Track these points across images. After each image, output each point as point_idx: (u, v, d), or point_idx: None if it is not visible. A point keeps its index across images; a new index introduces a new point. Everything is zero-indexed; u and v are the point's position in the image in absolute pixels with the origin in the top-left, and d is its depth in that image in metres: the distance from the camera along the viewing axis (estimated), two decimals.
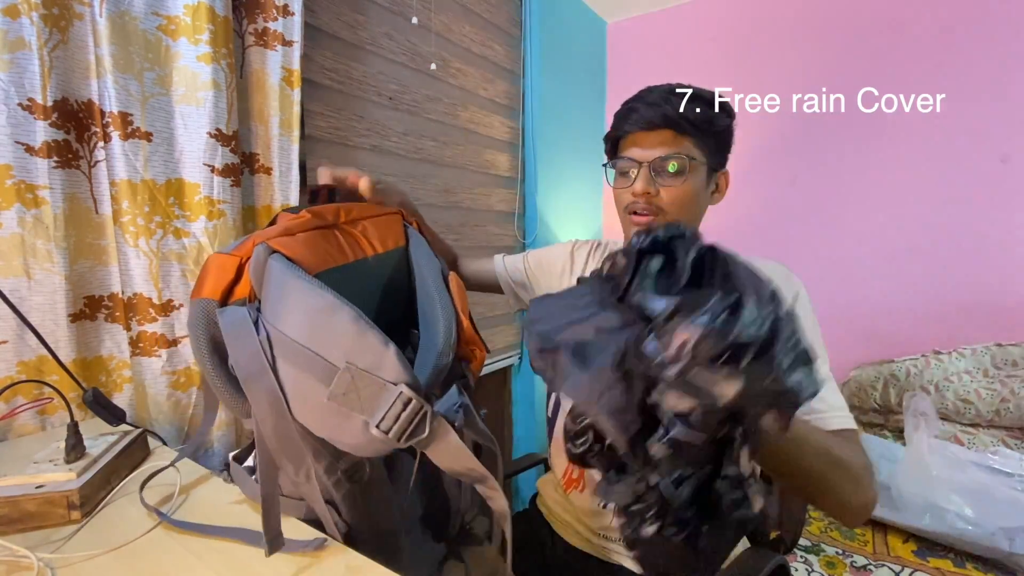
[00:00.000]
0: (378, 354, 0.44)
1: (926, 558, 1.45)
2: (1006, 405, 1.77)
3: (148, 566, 0.46)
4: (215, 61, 0.93)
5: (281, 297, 0.46)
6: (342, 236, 0.57)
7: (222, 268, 0.49)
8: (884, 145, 2.05)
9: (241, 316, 0.46)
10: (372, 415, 0.43)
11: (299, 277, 0.46)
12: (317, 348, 0.43)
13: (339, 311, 0.44)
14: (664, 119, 0.69)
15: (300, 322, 0.44)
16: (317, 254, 0.52)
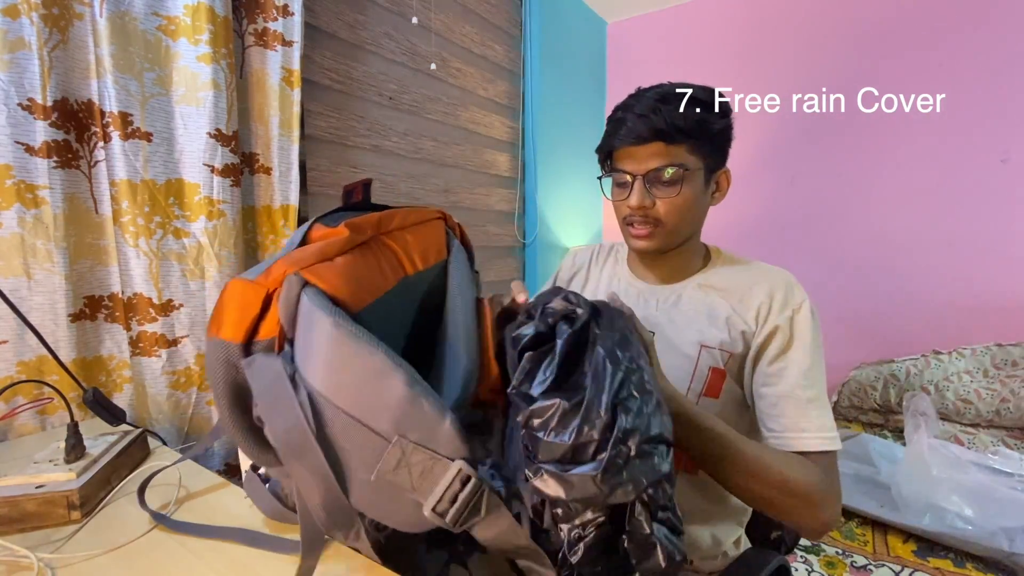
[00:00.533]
0: (433, 425, 0.39)
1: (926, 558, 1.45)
2: (1006, 405, 1.77)
3: (148, 566, 0.46)
4: (215, 61, 0.93)
5: (322, 350, 0.39)
6: (381, 252, 0.50)
7: (245, 301, 0.41)
8: (884, 145, 2.05)
9: (275, 373, 0.39)
10: (426, 496, 0.38)
11: (343, 328, 0.39)
12: (365, 418, 0.38)
13: (392, 375, 0.38)
14: (653, 132, 0.66)
15: (346, 385, 0.38)
16: (358, 285, 0.45)
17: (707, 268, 0.78)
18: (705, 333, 0.72)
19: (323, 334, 0.39)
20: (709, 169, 0.71)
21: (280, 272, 0.42)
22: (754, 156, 2.30)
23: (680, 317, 0.75)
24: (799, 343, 0.67)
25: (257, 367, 0.40)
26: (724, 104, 0.70)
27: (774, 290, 0.70)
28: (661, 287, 0.79)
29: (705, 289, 0.75)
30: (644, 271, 0.82)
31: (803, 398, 0.64)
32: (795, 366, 0.66)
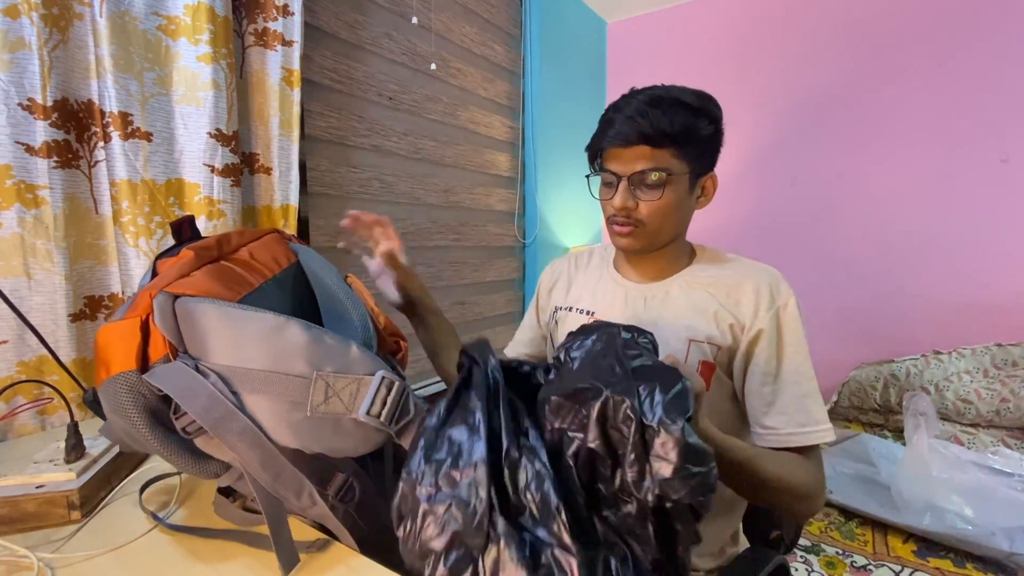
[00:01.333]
0: (343, 353, 0.43)
1: (926, 558, 1.45)
2: (1006, 405, 1.77)
3: (148, 566, 0.46)
4: (215, 61, 0.93)
5: (214, 333, 0.43)
6: (234, 265, 0.53)
7: (122, 335, 0.44)
8: (884, 144, 2.05)
9: (178, 368, 0.42)
10: (359, 409, 0.42)
11: (229, 306, 0.43)
12: (281, 368, 0.42)
13: (288, 326, 0.43)
14: (640, 136, 0.68)
15: (252, 349, 0.42)
16: (226, 285, 0.48)
17: (693, 265, 0.79)
18: (693, 328, 0.73)
19: (211, 318, 0.43)
20: (695, 173, 0.72)
21: (145, 300, 0.45)
22: (754, 156, 2.30)
23: (668, 313, 0.76)
24: (788, 340, 0.69)
25: (159, 373, 0.42)
26: (714, 110, 0.71)
27: (760, 287, 0.71)
28: (648, 285, 0.80)
29: (692, 285, 0.77)
30: (630, 270, 0.83)
31: (799, 394, 0.66)
32: (787, 363, 0.68)
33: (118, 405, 0.42)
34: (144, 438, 0.42)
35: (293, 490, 0.44)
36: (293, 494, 0.45)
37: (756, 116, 2.29)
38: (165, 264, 0.51)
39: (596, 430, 0.40)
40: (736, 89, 2.32)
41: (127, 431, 0.44)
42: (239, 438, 0.41)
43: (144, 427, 0.42)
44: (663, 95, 0.69)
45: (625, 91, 0.74)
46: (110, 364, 0.43)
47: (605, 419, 0.40)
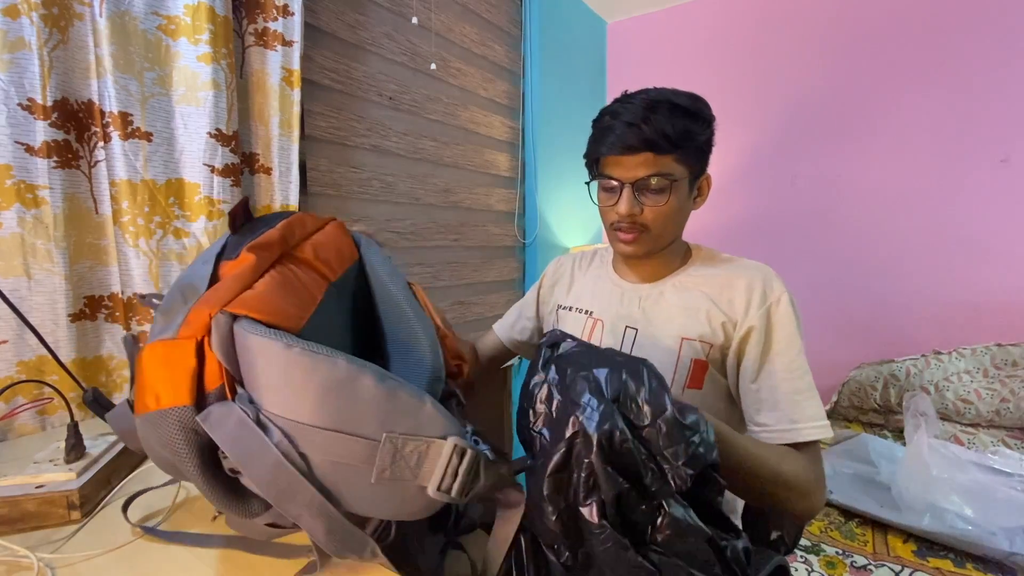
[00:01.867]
0: (416, 411, 0.39)
1: (926, 558, 1.45)
2: (1006, 405, 1.77)
3: (148, 566, 0.46)
4: (215, 61, 0.93)
5: (278, 376, 0.37)
6: (296, 266, 0.48)
7: (176, 359, 0.39)
8: (884, 144, 2.05)
9: (238, 419, 0.37)
10: (429, 480, 0.38)
11: (295, 347, 0.37)
12: (349, 428, 0.37)
13: (360, 377, 0.38)
14: (643, 142, 0.67)
15: (318, 403, 0.37)
16: (289, 304, 0.43)
17: (687, 265, 0.80)
18: (686, 327, 0.74)
19: (275, 360, 0.37)
20: (693, 176, 0.73)
21: (202, 317, 0.39)
22: (754, 156, 2.30)
23: (662, 313, 0.77)
24: (781, 336, 0.69)
25: (215, 419, 0.37)
26: (707, 113, 0.72)
27: (753, 284, 0.72)
28: (643, 285, 0.81)
29: (686, 285, 0.77)
30: (627, 271, 0.84)
31: (791, 390, 0.66)
32: (780, 359, 0.68)
33: (169, 442, 0.38)
34: (192, 477, 0.39)
35: (357, 551, 0.41)
36: (357, 554, 0.41)
37: (756, 116, 2.29)
38: (225, 268, 0.45)
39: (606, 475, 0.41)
40: (736, 89, 2.32)
41: (171, 463, 0.40)
42: (304, 509, 0.37)
43: (195, 468, 0.38)
44: (659, 99, 0.69)
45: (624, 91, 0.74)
46: (160, 393, 0.38)
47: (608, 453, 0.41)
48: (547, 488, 0.43)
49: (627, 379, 0.44)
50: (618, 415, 0.42)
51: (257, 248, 0.45)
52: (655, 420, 0.42)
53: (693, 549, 0.42)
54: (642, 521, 0.42)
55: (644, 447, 0.42)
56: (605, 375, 0.45)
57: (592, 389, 0.44)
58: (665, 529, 0.41)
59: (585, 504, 0.41)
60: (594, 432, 0.41)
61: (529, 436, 0.48)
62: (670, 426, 0.41)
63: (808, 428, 0.64)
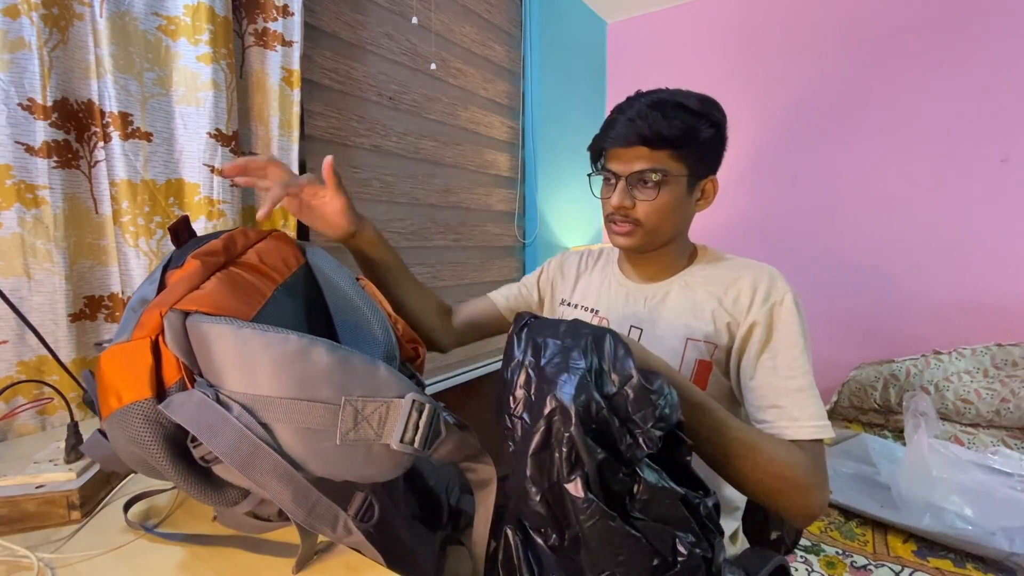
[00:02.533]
0: (370, 375, 0.41)
1: (926, 558, 1.45)
2: (1006, 405, 1.77)
3: (148, 566, 0.46)
4: (215, 61, 0.93)
5: (233, 359, 0.40)
6: (242, 270, 0.50)
7: (133, 359, 0.40)
8: (885, 144, 2.05)
9: (198, 400, 0.39)
10: (392, 436, 0.40)
11: (247, 328, 0.40)
12: (308, 395, 0.39)
13: (313, 349, 0.40)
14: (638, 136, 0.69)
15: (276, 376, 0.39)
16: (237, 300, 0.45)
17: (692, 265, 0.80)
18: (690, 327, 0.74)
19: (228, 341, 0.39)
20: (695, 176, 0.73)
21: (154, 318, 0.41)
22: (755, 156, 2.30)
23: (667, 313, 0.77)
24: (783, 334, 0.68)
25: (176, 404, 0.39)
26: (716, 115, 0.72)
27: (757, 283, 0.72)
28: (648, 285, 0.81)
29: (690, 285, 0.78)
30: (632, 270, 0.85)
31: (792, 387, 0.65)
32: (781, 357, 0.67)
33: (135, 436, 0.40)
34: (163, 468, 0.40)
35: (328, 522, 0.42)
36: (329, 526, 0.42)
37: (756, 116, 2.29)
38: (173, 276, 0.47)
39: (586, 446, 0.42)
40: (736, 89, 2.32)
41: (142, 460, 0.41)
42: (270, 475, 0.39)
43: (165, 459, 0.40)
44: (666, 99, 0.70)
45: (625, 91, 0.76)
46: (121, 392, 0.40)
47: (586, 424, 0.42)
48: (530, 468, 0.44)
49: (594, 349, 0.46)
50: (592, 385, 0.43)
51: (201, 255, 0.48)
52: (622, 387, 0.44)
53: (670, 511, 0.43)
54: (620, 490, 0.43)
55: (615, 415, 0.43)
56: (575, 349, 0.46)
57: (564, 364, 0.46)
58: (642, 494, 0.43)
59: (570, 480, 0.42)
60: (570, 404, 0.42)
61: (511, 423, 0.49)
62: (637, 391, 0.43)
63: (809, 426, 0.63)
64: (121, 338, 0.42)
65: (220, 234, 0.54)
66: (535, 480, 0.44)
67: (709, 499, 0.46)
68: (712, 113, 0.71)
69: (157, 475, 0.43)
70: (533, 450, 0.44)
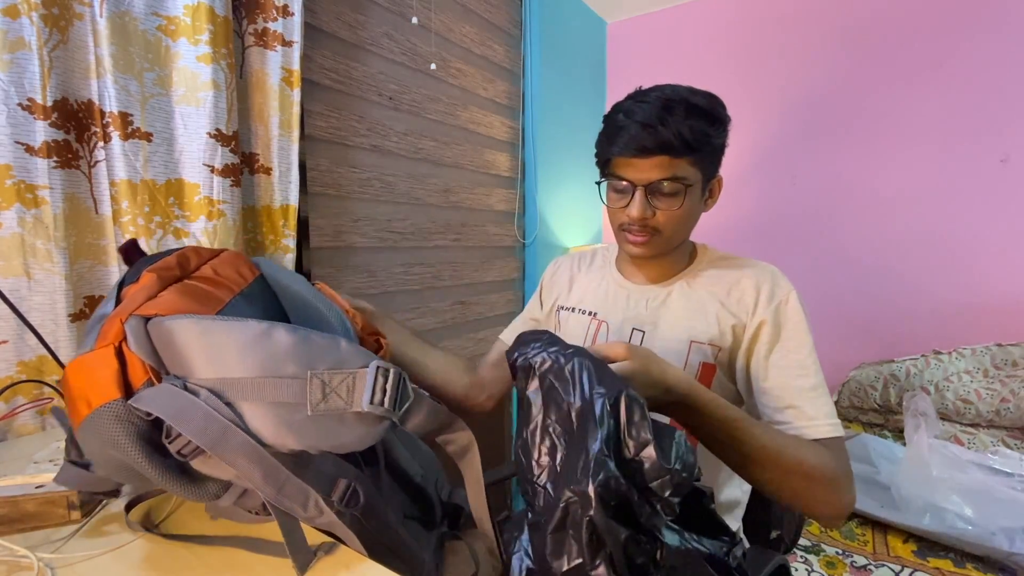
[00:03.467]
0: (333, 349, 0.43)
1: (926, 558, 1.45)
2: (1006, 405, 1.77)
3: (148, 566, 0.46)
4: (215, 61, 0.93)
5: (197, 348, 0.41)
6: (199, 283, 0.51)
7: (98, 366, 0.41)
8: (884, 144, 2.05)
9: (166, 390, 0.40)
10: (362, 402, 0.42)
11: (207, 320, 0.42)
12: (274, 372, 0.41)
13: (273, 330, 0.42)
14: (658, 144, 0.65)
15: (240, 359, 0.41)
16: (197, 302, 0.47)
17: (694, 266, 0.79)
18: (694, 330, 0.73)
19: (191, 334, 0.41)
20: (706, 179, 0.72)
21: (114, 327, 0.43)
22: (754, 156, 2.30)
23: (669, 315, 0.76)
24: (791, 333, 0.68)
25: (146, 397, 0.40)
26: (723, 114, 0.70)
27: (760, 283, 0.71)
28: (650, 287, 0.80)
29: (693, 287, 0.76)
30: (633, 272, 0.83)
31: (805, 387, 0.65)
32: (791, 356, 0.67)
33: (109, 438, 0.40)
34: (142, 467, 0.41)
35: (299, 501, 0.43)
36: (300, 505, 0.44)
37: (756, 116, 2.29)
38: (130, 291, 0.49)
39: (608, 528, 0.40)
40: (736, 89, 2.32)
41: (121, 464, 0.42)
42: (239, 454, 0.40)
43: (141, 456, 0.40)
44: (676, 98, 0.66)
45: (625, 91, 0.73)
46: (90, 398, 0.41)
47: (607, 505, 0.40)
48: (550, 547, 0.42)
49: (611, 414, 0.43)
50: (609, 460, 0.41)
51: (157, 269, 0.49)
52: (638, 453, 0.42)
53: (696, 572, 0.41)
54: (643, 562, 0.41)
55: (633, 486, 0.41)
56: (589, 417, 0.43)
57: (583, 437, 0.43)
58: (665, 561, 0.41)
59: (595, 567, 0.40)
60: (589, 488, 0.40)
61: (533, 488, 0.47)
62: (653, 460, 0.41)
63: (827, 424, 0.63)
64: (84, 350, 0.43)
65: (172, 251, 0.55)
66: (555, 559, 0.42)
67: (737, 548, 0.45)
68: (722, 113, 0.70)
69: (137, 479, 0.43)
70: (552, 528, 0.42)
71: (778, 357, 0.67)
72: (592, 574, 0.40)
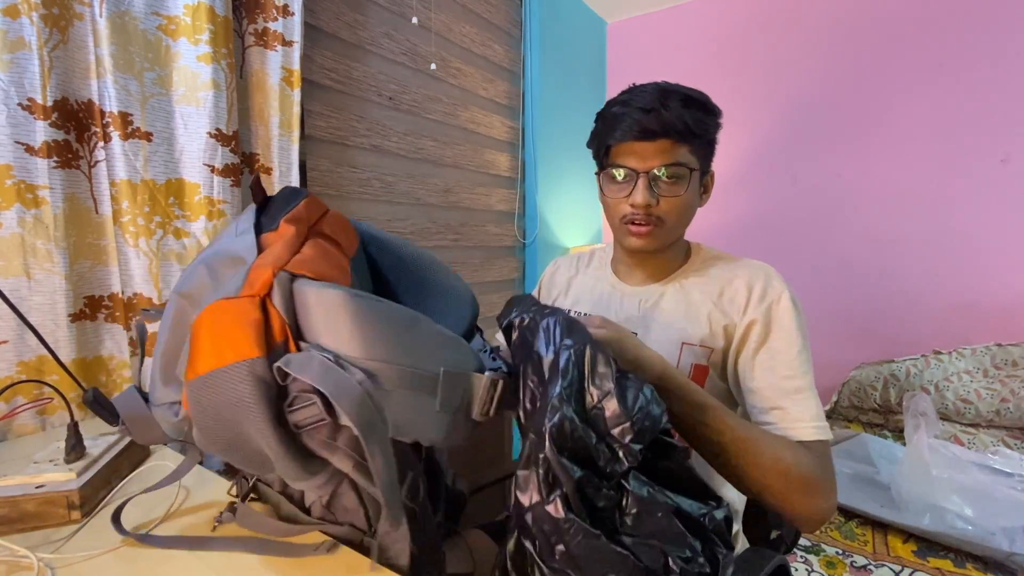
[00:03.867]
0: (460, 350, 0.45)
1: (926, 558, 1.45)
2: (1006, 405, 1.77)
3: (148, 566, 0.46)
4: (215, 61, 0.93)
5: (346, 323, 0.40)
6: (324, 241, 0.51)
7: (241, 315, 0.39)
8: (884, 144, 2.05)
9: (320, 362, 0.38)
10: (473, 407, 0.44)
11: (361, 297, 0.41)
12: (418, 364, 0.42)
13: (420, 321, 0.43)
14: (663, 127, 0.65)
15: (391, 344, 0.41)
16: (332, 270, 0.46)
17: (688, 265, 0.78)
18: (686, 331, 0.72)
19: (342, 309, 0.40)
20: (703, 171, 0.72)
21: (263, 276, 0.41)
22: (754, 156, 2.30)
23: (661, 317, 0.75)
24: (781, 333, 0.67)
25: (297, 363, 0.38)
26: (718, 109, 0.71)
27: (753, 282, 0.70)
28: (643, 288, 0.79)
29: (685, 287, 0.76)
30: (627, 273, 0.82)
31: (791, 388, 0.64)
32: (780, 356, 0.66)
33: (236, 397, 0.38)
34: (263, 433, 0.38)
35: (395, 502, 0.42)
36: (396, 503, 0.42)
37: (756, 116, 2.29)
38: (271, 238, 0.47)
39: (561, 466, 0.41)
40: (736, 89, 2.32)
41: (230, 426, 0.39)
42: (379, 447, 0.39)
43: (264, 420, 0.38)
44: (672, 89, 0.68)
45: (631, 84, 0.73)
46: (224, 351, 0.38)
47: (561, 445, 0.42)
48: (519, 483, 0.44)
49: (575, 364, 0.45)
50: (567, 404, 0.43)
51: (294, 220, 0.49)
52: (600, 401, 0.44)
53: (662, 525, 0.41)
54: (608, 506, 0.42)
55: (593, 430, 0.43)
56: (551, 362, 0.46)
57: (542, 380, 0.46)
58: (631, 509, 0.42)
59: (549, 501, 0.42)
60: (544, 427, 0.42)
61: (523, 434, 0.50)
62: (613, 406, 0.43)
63: (812, 427, 0.61)
64: (224, 293, 0.41)
65: (295, 196, 0.53)
66: (519, 496, 0.44)
67: (719, 511, 0.44)
68: (713, 106, 0.70)
69: (237, 443, 0.41)
70: (520, 466, 0.45)
71: (765, 356, 0.66)
72: (546, 508, 0.42)
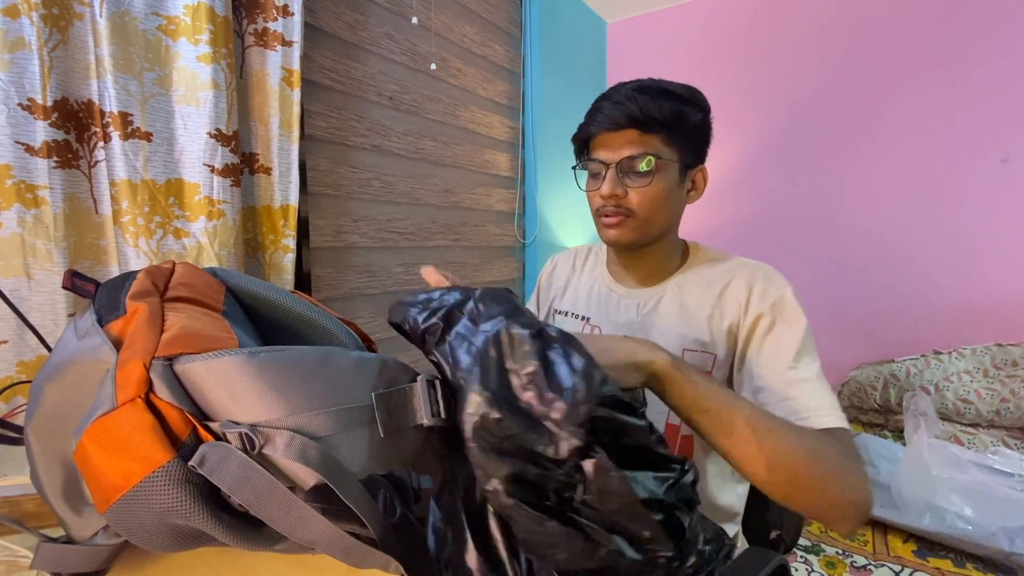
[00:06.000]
0: (384, 368, 0.42)
1: (926, 558, 1.45)
2: (1006, 405, 1.77)
3: (148, 566, 0.46)
4: (215, 61, 0.93)
5: (255, 387, 0.36)
6: (183, 304, 0.46)
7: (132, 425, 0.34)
8: (884, 144, 2.05)
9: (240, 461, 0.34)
10: (424, 416, 0.42)
11: (257, 353, 0.37)
12: (346, 399, 0.39)
13: (331, 355, 0.40)
14: (628, 118, 0.66)
15: (310, 391, 0.38)
16: (211, 329, 0.42)
17: (686, 267, 0.77)
18: (687, 336, 0.71)
19: (240, 374, 0.36)
20: (685, 164, 0.71)
21: (136, 373, 0.36)
22: (754, 156, 2.30)
23: (661, 321, 0.74)
24: (787, 326, 0.66)
25: (213, 462, 0.34)
26: (702, 101, 0.70)
27: (753, 282, 0.70)
28: (640, 291, 0.78)
29: (685, 290, 0.74)
30: (623, 273, 0.81)
31: (803, 378, 0.62)
32: (789, 349, 0.64)
33: (169, 506, 0.34)
34: (206, 526, 0.36)
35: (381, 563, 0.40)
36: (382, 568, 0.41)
37: (756, 116, 2.29)
38: (119, 326, 0.41)
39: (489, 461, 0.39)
40: (736, 89, 2.32)
41: (175, 530, 0.37)
42: (320, 538, 0.37)
43: (206, 517, 0.35)
44: (651, 84, 0.69)
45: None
46: (127, 469, 0.34)
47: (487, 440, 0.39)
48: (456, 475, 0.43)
49: (495, 347, 0.42)
50: (487, 395, 0.39)
51: (139, 295, 0.43)
52: (528, 384, 0.40)
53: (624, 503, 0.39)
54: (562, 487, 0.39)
55: (526, 417, 0.39)
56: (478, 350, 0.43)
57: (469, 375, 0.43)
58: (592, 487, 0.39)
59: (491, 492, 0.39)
60: (463, 428, 0.40)
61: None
62: (538, 388, 0.39)
63: (829, 415, 0.58)
64: (101, 411, 0.35)
65: (128, 276, 0.48)
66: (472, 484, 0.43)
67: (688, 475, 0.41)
68: (699, 99, 0.70)
69: (192, 539, 0.38)
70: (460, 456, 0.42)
71: (774, 351, 0.65)
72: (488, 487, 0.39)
